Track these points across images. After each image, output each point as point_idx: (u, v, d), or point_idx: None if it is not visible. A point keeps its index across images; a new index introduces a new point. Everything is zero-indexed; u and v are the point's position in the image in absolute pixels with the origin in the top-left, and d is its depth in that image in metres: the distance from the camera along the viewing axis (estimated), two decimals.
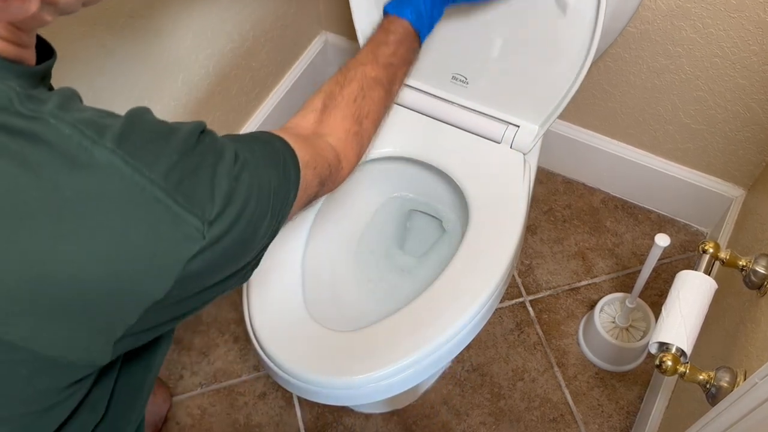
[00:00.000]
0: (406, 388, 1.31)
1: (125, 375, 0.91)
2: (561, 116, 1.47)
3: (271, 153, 0.86)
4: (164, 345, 0.99)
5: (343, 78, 1.14)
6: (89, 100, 0.86)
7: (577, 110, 1.92)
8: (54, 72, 0.77)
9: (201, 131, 0.74)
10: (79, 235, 0.64)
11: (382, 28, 1.22)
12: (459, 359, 1.83)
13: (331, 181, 1.02)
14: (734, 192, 1.88)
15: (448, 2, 1.27)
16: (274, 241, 0.89)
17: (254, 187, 0.77)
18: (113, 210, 0.66)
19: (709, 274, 1.11)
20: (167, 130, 0.72)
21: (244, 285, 1.36)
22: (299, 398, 1.79)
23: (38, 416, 0.74)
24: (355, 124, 1.09)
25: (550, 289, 1.95)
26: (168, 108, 1.61)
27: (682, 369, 1.01)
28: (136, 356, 0.92)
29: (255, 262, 0.86)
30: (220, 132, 0.80)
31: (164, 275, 0.68)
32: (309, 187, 0.93)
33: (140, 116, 0.71)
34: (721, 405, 0.93)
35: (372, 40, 1.21)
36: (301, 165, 0.90)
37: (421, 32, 1.21)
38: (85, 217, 0.64)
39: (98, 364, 0.71)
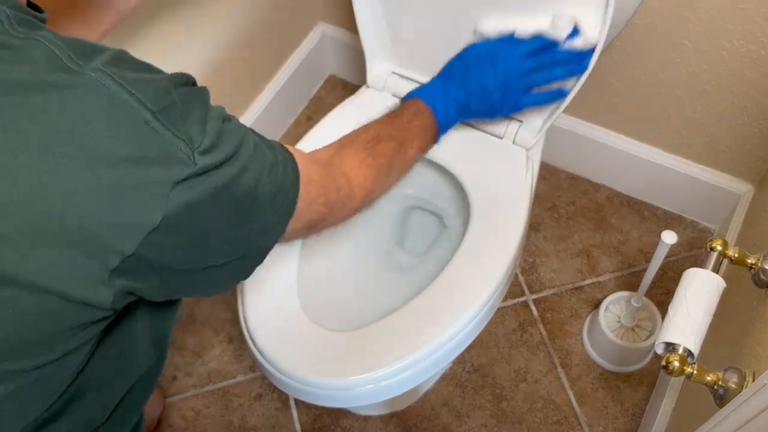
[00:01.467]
0: (405, 390, 1.31)
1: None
2: (565, 111, 1.47)
3: (266, 141, 0.87)
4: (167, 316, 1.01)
5: (356, 130, 1.20)
6: None
7: (581, 104, 1.92)
8: None
9: (192, 83, 0.77)
10: (66, 154, 0.65)
11: (399, 106, 1.31)
12: (460, 360, 1.83)
13: (341, 206, 1.02)
14: (742, 188, 1.88)
15: (469, 116, 1.38)
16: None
17: (248, 141, 0.79)
18: (101, 128, 0.66)
19: (716, 273, 1.11)
20: (158, 69, 0.75)
21: (239, 285, 1.36)
22: (296, 400, 1.79)
23: (42, 371, 0.75)
24: (369, 157, 1.13)
25: (553, 287, 1.95)
26: None
27: (689, 370, 1.01)
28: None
29: (257, 257, 0.87)
30: None
31: (155, 199, 0.68)
32: (313, 203, 0.94)
33: (130, 54, 0.74)
34: (730, 407, 0.92)
35: (387, 113, 1.28)
36: (303, 175, 0.90)
37: (441, 127, 1.31)
38: (73, 135, 0.65)
39: (95, 302, 0.71)
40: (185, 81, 0.76)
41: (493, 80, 1.33)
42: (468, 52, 1.37)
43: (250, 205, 0.80)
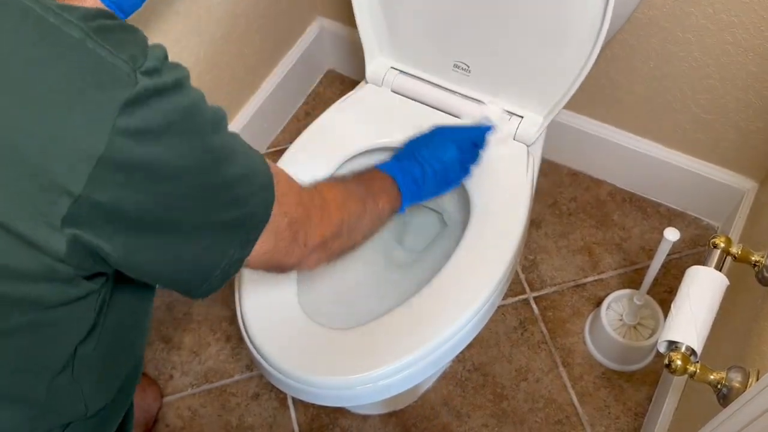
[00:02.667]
0: (405, 389, 1.31)
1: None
2: (566, 106, 1.47)
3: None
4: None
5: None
6: None
7: (583, 99, 1.91)
8: None
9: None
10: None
11: (357, 172, 1.28)
12: (460, 358, 1.83)
13: (317, 213, 1.01)
14: (746, 184, 1.88)
15: (424, 192, 1.34)
16: None
17: (199, 99, 0.78)
18: (29, 48, 0.65)
19: (720, 270, 1.11)
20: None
21: (236, 281, 1.36)
22: (294, 399, 1.80)
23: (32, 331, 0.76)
24: (344, 192, 1.12)
25: (554, 285, 1.95)
26: None
27: (692, 369, 1.01)
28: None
29: (229, 239, 0.85)
30: None
31: (95, 123, 0.67)
32: (288, 210, 0.93)
33: None
34: (733, 406, 0.92)
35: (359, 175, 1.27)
36: (274, 173, 0.90)
37: (403, 194, 1.27)
38: (7, 65, 0.65)
39: (46, 248, 0.70)
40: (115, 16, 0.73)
41: (446, 159, 1.34)
42: (422, 137, 1.38)
43: (212, 155, 0.78)
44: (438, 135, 1.37)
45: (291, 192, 0.95)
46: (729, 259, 1.13)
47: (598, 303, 1.87)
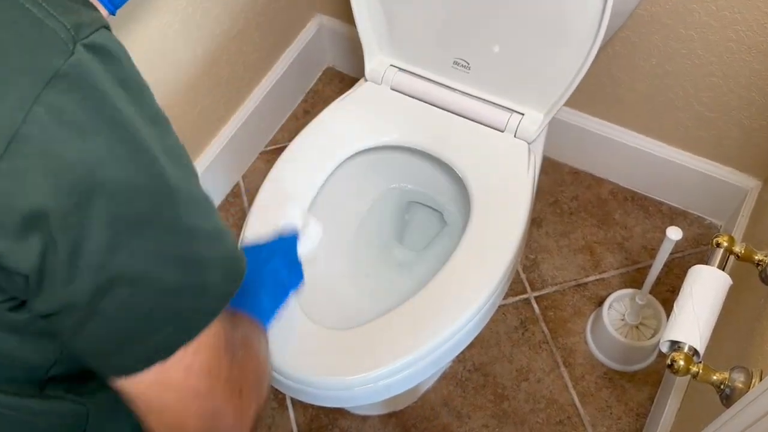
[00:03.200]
0: (404, 389, 1.31)
1: None
2: (567, 103, 1.47)
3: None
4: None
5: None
6: None
7: (584, 97, 1.91)
8: None
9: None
10: None
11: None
12: (460, 358, 1.83)
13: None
14: (749, 183, 1.88)
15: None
16: (266, 230, 0.83)
17: (161, 118, 0.69)
18: None
19: (723, 269, 1.11)
20: None
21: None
22: (292, 400, 1.79)
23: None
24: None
25: (556, 284, 1.95)
26: (156, 95, 1.61)
27: (694, 369, 1.01)
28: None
29: (168, 341, 0.71)
30: (209, 120, 0.78)
31: (19, 92, 0.58)
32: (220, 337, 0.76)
33: None
34: (736, 407, 0.92)
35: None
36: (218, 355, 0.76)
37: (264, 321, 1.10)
38: None
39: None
40: None
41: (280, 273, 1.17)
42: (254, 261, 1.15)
43: (167, 187, 0.66)
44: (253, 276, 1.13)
45: (206, 399, 0.77)
46: (732, 258, 1.13)
47: (600, 303, 1.87)
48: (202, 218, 0.72)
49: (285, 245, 1.22)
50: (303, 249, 1.26)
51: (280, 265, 1.17)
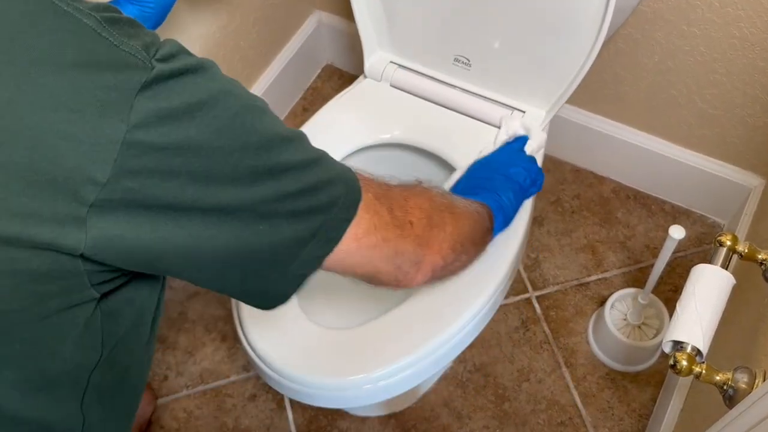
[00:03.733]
0: (404, 390, 1.31)
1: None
2: (569, 101, 1.47)
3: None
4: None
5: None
6: None
7: (586, 94, 1.91)
8: None
9: None
10: (7, 73, 0.63)
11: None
12: (461, 359, 1.83)
13: (404, 277, 0.97)
14: (753, 181, 1.88)
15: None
16: None
17: (233, 85, 0.76)
18: (42, 32, 0.64)
19: (726, 269, 1.11)
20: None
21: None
22: (291, 400, 1.79)
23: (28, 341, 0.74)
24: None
25: (557, 284, 1.95)
26: None
27: (697, 369, 1.01)
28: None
29: (272, 233, 0.79)
30: None
31: (113, 106, 0.64)
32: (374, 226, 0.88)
33: None
34: (740, 407, 0.92)
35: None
36: (376, 199, 0.88)
37: (496, 220, 1.22)
38: (12, 42, 0.64)
39: (63, 245, 0.67)
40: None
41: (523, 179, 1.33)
42: (495, 164, 1.37)
43: (259, 136, 0.75)
44: (502, 168, 1.35)
45: (388, 242, 0.91)
46: (735, 257, 1.13)
47: (602, 302, 1.87)
48: (301, 153, 0.80)
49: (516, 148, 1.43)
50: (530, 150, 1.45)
51: (520, 168, 1.34)
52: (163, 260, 0.74)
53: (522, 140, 1.46)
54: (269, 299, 0.87)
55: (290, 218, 0.78)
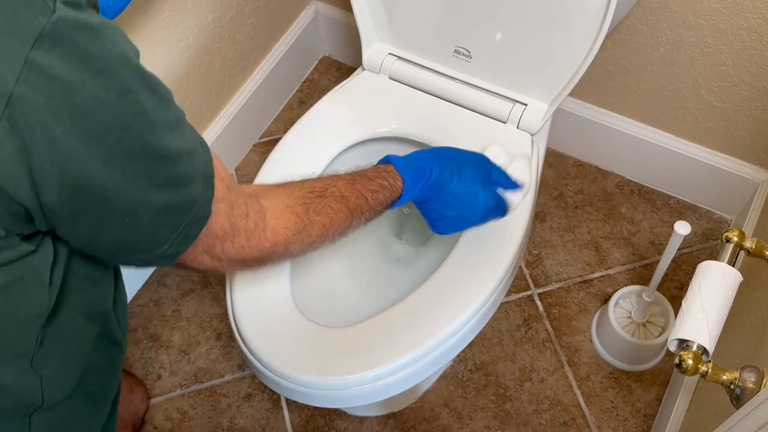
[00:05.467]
0: (403, 389, 1.31)
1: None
2: (572, 93, 1.47)
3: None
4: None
5: (310, 180, 1.11)
6: None
7: (589, 87, 1.91)
8: None
9: None
10: None
11: (376, 169, 1.19)
12: (461, 358, 1.83)
13: (246, 236, 0.95)
14: (761, 176, 1.88)
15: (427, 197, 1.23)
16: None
17: (133, 54, 0.74)
18: None
19: (733, 265, 1.11)
20: None
21: (227, 277, 1.36)
22: (287, 400, 1.79)
23: None
24: (300, 207, 1.03)
25: (560, 281, 1.95)
26: None
27: (703, 368, 1.01)
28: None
29: (169, 251, 0.83)
30: (200, 110, 0.80)
31: (8, 54, 0.63)
32: (217, 206, 0.87)
33: None
34: (747, 407, 0.92)
35: (360, 171, 1.17)
36: (216, 177, 0.86)
37: (402, 198, 1.18)
38: None
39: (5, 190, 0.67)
40: None
41: (480, 191, 1.22)
42: (462, 152, 1.24)
43: (145, 115, 0.73)
44: (471, 177, 1.21)
45: (224, 200, 0.89)
46: (742, 253, 1.13)
47: (606, 300, 1.87)
48: (178, 140, 0.79)
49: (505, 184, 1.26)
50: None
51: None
52: (46, 216, 0.74)
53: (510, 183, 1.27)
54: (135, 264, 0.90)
55: (153, 215, 0.79)
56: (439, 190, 1.19)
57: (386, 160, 1.20)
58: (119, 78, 0.70)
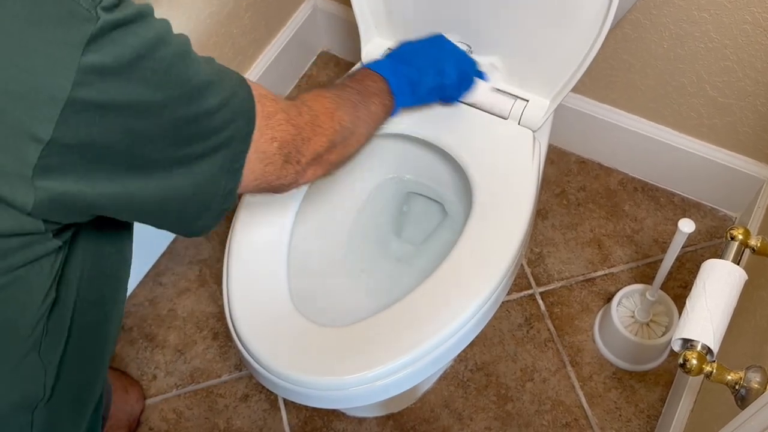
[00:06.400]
0: (403, 390, 1.31)
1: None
2: (574, 89, 1.47)
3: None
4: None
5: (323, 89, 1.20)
6: None
7: (592, 82, 1.91)
8: None
9: None
10: None
11: (348, 74, 1.33)
12: (462, 357, 1.83)
13: (308, 128, 1.04)
14: (766, 173, 1.88)
15: (445, 98, 1.47)
16: (257, 223, 0.90)
17: (165, 30, 0.80)
18: None
19: (738, 264, 1.11)
20: None
21: (224, 275, 1.36)
22: (285, 401, 1.79)
23: None
24: (334, 101, 1.14)
25: (562, 279, 1.95)
26: None
27: (708, 368, 1.01)
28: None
29: (206, 172, 0.87)
30: None
31: (59, 62, 0.68)
32: (273, 117, 0.95)
33: None
34: (752, 408, 0.92)
35: (345, 79, 1.30)
36: (257, 93, 0.94)
37: (397, 97, 1.32)
38: None
39: (12, 202, 0.71)
40: None
41: (445, 72, 1.41)
42: (420, 43, 1.43)
43: (184, 87, 0.80)
44: (438, 45, 1.43)
45: (277, 112, 0.97)
46: (747, 251, 1.13)
47: (609, 299, 1.87)
48: (217, 95, 0.86)
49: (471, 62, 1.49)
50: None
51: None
52: (104, 210, 0.81)
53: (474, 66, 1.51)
54: (197, 230, 0.95)
55: (201, 159, 0.86)
56: (410, 60, 1.38)
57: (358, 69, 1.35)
58: (158, 55, 0.76)
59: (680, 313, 1.15)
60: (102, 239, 0.96)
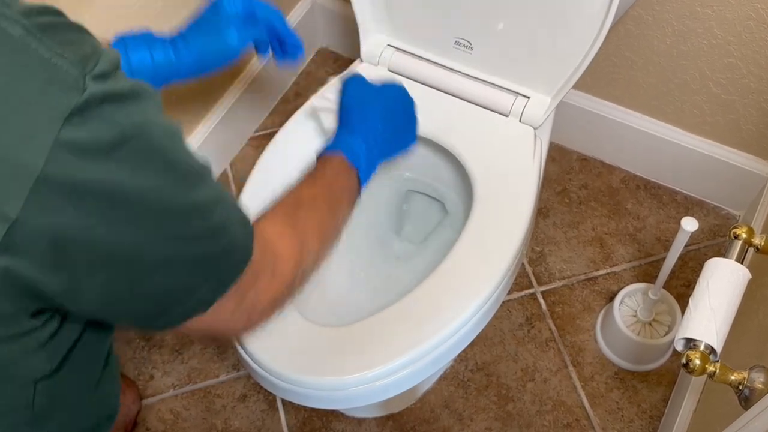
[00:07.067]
0: (402, 390, 1.31)
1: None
2: (576, 86, 1.47)
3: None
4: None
5: (278, 201, 1.08)
6: None
7: (594, 79, 1.91)
8: None
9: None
10: None
11: (318, 164, 1.19)
12: (462, 357, 1.83)
13: (268, 270, 0.92)
14: None
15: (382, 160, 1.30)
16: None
17: (156, 112, 0.73)
18: None
19: (741, 262, 1.11)
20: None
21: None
22: (283, 401, 1.79)
23: None
24: (289, 227, 1.01)
25: (564, 278, 1.95)
26: None
27: (711, 368, 1.01)
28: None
29: (204, 298, 0.81)
30: (194, 104, 0.80)
31: (35, 134, 0.61)
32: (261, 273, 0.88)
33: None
34: (756, 408, 0.92)
35: (308, 172, 1.17)
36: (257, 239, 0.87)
37: (359, 170, 1.19)
38: None
39: None
40: (61, 13, 0.69)
41: (403, 119, 1.37)
42: (354, 106, 1.30)
43: (175, 173, 0.73)
44: (373, 102, 1.31)
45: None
46: (751, 250, 1.13)
47: (611, 298, 1.87)
48: (206, 192, 0.78)
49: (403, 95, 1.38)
50: None
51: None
52: (66, 301, 0.73)
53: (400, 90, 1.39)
54: (155, 328, 0.87)
55: (188, 264, 0.78)
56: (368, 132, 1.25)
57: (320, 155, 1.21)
58: (147, 137, 0.70)
59: (683, 313, 1.15)
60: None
